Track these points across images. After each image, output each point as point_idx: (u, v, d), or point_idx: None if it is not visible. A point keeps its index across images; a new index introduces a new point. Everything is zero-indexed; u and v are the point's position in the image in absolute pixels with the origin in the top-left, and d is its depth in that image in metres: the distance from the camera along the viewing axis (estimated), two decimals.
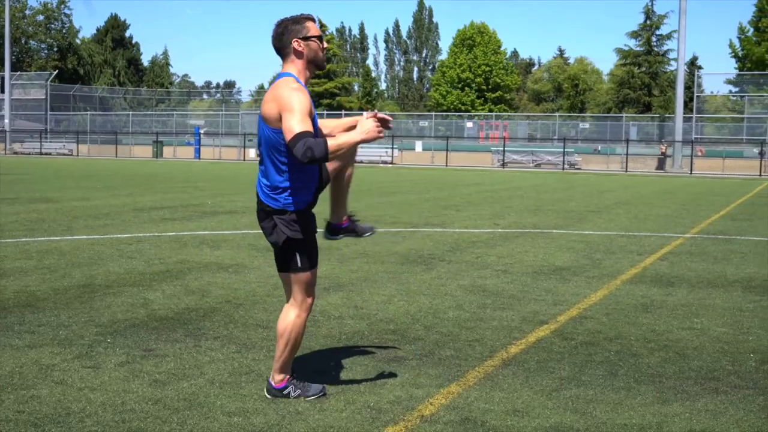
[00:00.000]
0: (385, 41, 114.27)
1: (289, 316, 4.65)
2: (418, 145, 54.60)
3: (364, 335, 6.15)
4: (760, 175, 42.20)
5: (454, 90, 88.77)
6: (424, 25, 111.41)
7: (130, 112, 73.20)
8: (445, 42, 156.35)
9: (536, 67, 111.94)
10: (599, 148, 60.50)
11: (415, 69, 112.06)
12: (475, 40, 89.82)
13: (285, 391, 4.65)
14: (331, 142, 4.18)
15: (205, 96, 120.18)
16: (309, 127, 4.19)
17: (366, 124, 4.32)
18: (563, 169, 46.75)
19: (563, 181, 33.68)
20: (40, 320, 6.41)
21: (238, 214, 15.36)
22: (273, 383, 4.68)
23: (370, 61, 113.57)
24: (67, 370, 5.09)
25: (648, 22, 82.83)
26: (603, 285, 8.46)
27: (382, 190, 24.33)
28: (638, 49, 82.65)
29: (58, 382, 4.87)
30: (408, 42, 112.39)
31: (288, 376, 4.70)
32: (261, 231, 4.67)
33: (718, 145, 56.77)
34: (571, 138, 67.34)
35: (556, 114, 79.14)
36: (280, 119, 4.30)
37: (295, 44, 4.46)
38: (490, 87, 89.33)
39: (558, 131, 74.10)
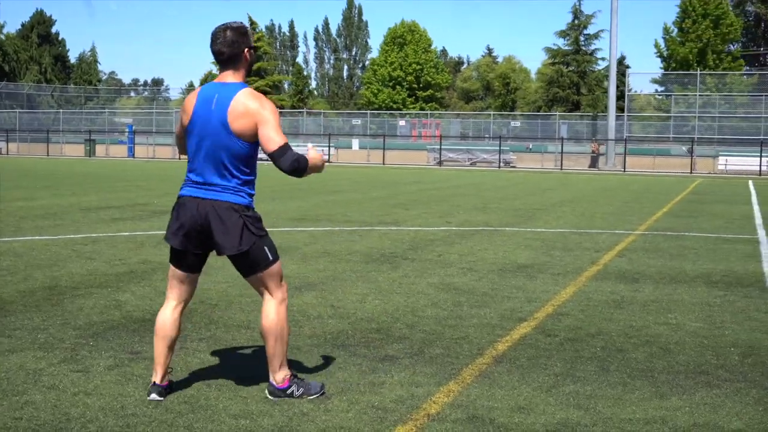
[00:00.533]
0: (315, 39, 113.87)
1: (271, 313, 4.62)
2: (355, 144, 54.54)
3: (349, 335, 6.13)
4: (691, 172, 43.24)
5: (386, 88, 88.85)
6: (353, 23, 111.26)
7: (61, 110, 71.60)
8: (375, 40, 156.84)
9: (465, 66, 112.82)
10: (530, 146, 61.32)
11: (345, 67, 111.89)
12: (405, 38, 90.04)
13: (288, 391, 4.61)
14: (308, 159, 4.52)
15: (132, 93, 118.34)
16: (286, 139, 4.39)
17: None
18: (499, 167, 47.21)
19: (502, 179, 34.03)
20: (13, 323, 6.24)
21: None
22: (276, 384, 4.63)
23: (299, 59, 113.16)
24: (56, 375, 4.97)
25: (576, 21, 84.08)
26: (569, 282, 8.57)
27: (325, 188, 24.26)
28: (567, 48, 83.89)
29: (49, 387, 4.74)
30: (338, 40, 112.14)
31: (290, 375, 4.66)
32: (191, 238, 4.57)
33: (646, 143, 57.88)
34: (504, 136, 68.09)
35: (491, 113, 79.87)
36: (254, 133, 4.39)
37: (247, 53, 4.52)
38: (421, 85, 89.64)
39: (490, 129, 74.86)
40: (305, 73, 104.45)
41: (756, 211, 18.31)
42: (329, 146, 51.35)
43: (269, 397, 4.63)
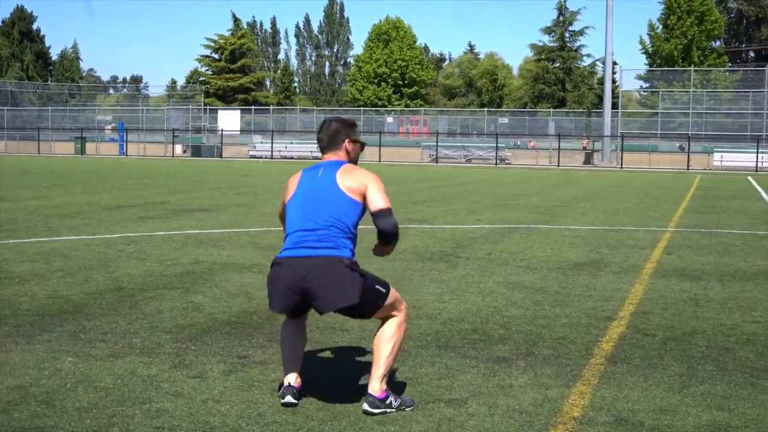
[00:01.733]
0: (296, 36, 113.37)
1: (391, 329, 4.55)
2: None
3: (447, 335, 6.03)
4: (688, 168, 43.40)
5: (371, 85, 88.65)
6: (335, 20, 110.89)
7: (50, 108, 70.92)
8: (357, 37, 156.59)
9: (447, 63, 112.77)
10: (519, 143, 61.40)
11: (327, 64, 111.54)
12: (390, 35, 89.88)
13: (387, 401, 4.44)
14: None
15: (111, 91, 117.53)
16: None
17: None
18: (496, 164, 47.21)
19: (504, 176, 33.99)
20: (99, 327, 6.10)
21: (210, 212, 15.00)
22: (375, 394, 4.45)
23: (281, 56, 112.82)
24: (174, 381, 4.84)
25: (561, 18, 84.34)
26: (634, 280, 8.50)
27: None
28: (552, 44, 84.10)
29: (174, 394, 4.62)
30: (319, 37, 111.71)
31: (386, 386, 4.52)
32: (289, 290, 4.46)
33: (641, 139, 58.02)
34: (492, 133, 68.13)
35: (484, 109, 79.85)
36: (361, 194, 4.53)
37: (348, 143, 4.73)
38: (406, 82, 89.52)
39: (475, 126, 74.89)
40: (291, 69, 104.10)
41: None
42: None
43: (369, 409, 4.40)
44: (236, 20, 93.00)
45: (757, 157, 41.75)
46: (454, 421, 4.26)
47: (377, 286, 4.54)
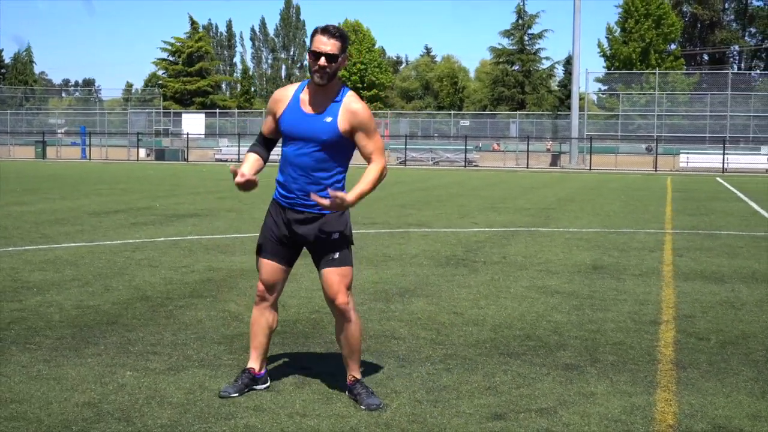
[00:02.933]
0: (252, 39, 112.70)
1: None
2: None
3: (502, 342, 5.93)
4: (656, 170, 43.85)
5: None
6: (291, 22, 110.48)
7: (8, 112, 69.61)
8: None
9: (404, 66, 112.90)
10: (480, 145, 61.53)
11: (283, 67, 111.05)
12: (349, 38, 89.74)
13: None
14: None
15: (63, 95, 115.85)
16: (261, 130, 4.84)
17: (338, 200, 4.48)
18: (465, 166, 47.25)
19: (477, 178, 34.00)
20: (146, 339, 5.90)
21: (202, 217, 14.75)
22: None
23: (237, 59, 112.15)
24: (250, 396, 4.68)
25: (520, 21, 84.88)
26: (659, 283, 8.49)
27: None
28: (511, 47, 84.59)
29: (254, 408, 4.48)
30: (276, 40, 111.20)
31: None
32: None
33: (596, 142, 58.43)
34: (453, 135, 68.26)
35: (450, 112, 79.92)
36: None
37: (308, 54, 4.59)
38: (365, 85, 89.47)
39: (437, 129, 74.99)
40: (251, 73, 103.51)
41: (757, 208, 18.58)
42: None
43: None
44: (193, 23, 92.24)
45: (723, 158, 42.33)
46: (552, 431, 4.17)
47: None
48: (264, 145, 4.82)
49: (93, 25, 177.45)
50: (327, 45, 4.44)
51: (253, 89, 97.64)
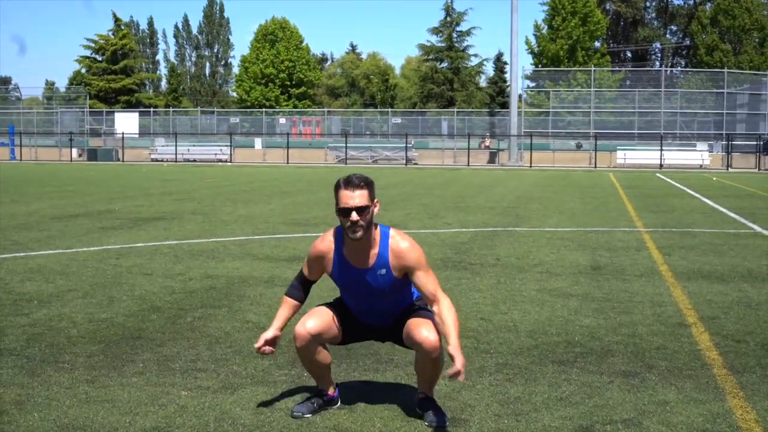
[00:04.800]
0: (175, 36, 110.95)
1: None
2: (258, 143, 53.39)
3: (547, 349, 5.86)
4: (595, 166, 44.50)
5: (258, 86, 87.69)
6: (215, 20, 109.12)
7: None
8: (237, 37, 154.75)
9: (329, 63, 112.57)
10: (412, 143, 61.59)
11: (207, 64, 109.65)
12: (277, 35, 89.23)
13: None
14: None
15: None
16: (305, 276, 4.69)
17: (459, 364, 4.05)
18: (405, 164, 47.27)
19: (428, 176, 34.02)
20: (182, 355, 5.67)
21: (168, 220, 14.40)
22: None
23: (160, 57, 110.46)
24: (325, 415, 4.52)
25: (448, 18, 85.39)
26: (663, 283, 8.53)
27: (272, 190, 23.67)
28: (440, 45, 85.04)
29: (334, 428, 4.33)
30: (199, 37, 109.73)
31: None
32: None
33: (526, 138, 59.02)
34: (384, 133, 68.25)
35: (389, 110, 79.81)
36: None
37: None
38: (294, 83, 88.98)
39: (368, 126, 74.90)
40: (164, 70, 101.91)
41: (714, 204, 18.96)
42: (230, 146, 50.15)
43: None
44: (117, 20, 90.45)
45: (661, 154, 43.19)
46: None
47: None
48: (303, 288, 4.66)
49: (7, 23, 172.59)
50: (354, 198, 4.27)
51: (182, 87, 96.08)
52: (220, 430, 4.26)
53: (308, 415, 4.47)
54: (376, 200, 4.38)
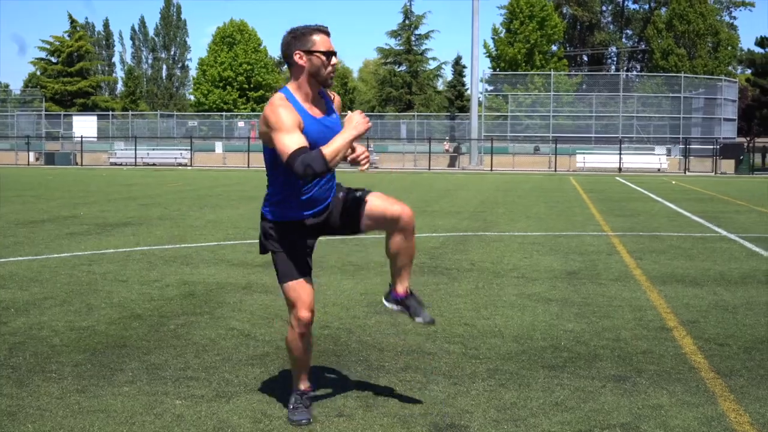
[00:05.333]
0: (132, 38, 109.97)
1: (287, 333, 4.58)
2: (218, 147, 53.03)
3: (535, 354, 5.90)
4: (555, 170, 44.86)
5: (216, 89, 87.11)
6: (172, 21, 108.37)
7: None
8: (194, 40, 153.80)
9: (286, 66, 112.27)
10: (371, 147, 61.71)
11: (164, 67, 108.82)
12: (235, 38, 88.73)
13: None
14: (326, 150, 4.05)
15: None
16: (301, 142, 4.06)
17: (354, 117, 4.17)
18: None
19: (390, 181, 34.06)
20: (170, 363, 5.62)
21: (136, 225, 14.25)
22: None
23: (116, 59, 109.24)
24: (322, 422, 4.51)
25: (407, 22, 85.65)
26: (639, 287, 8.63)
27: (238, 194, 23.53)
28: (398, 48, 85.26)
29: None
30: (156, 39, 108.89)
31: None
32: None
33: (486, 142, 59.38)
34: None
35: (346, 113, 79.55)
36: (270, 139, 4.17)
37: (296, 56, 4.26)
38: (252, 86, 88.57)
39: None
40: (121, 72, 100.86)
41: (677, 208, 19.23)
42: (191, 150, 49.73)
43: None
44: (73, 21, 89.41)
45: (620, 158, 43.70)
46: None
47: (275, 266, 4.51)
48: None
49: None
50: (331, 44, 4.29)
51: (139, 90, 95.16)
52: None
53: (308, 419, 4.46)
54: None
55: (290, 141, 4.03)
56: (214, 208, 18.38)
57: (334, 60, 4.23)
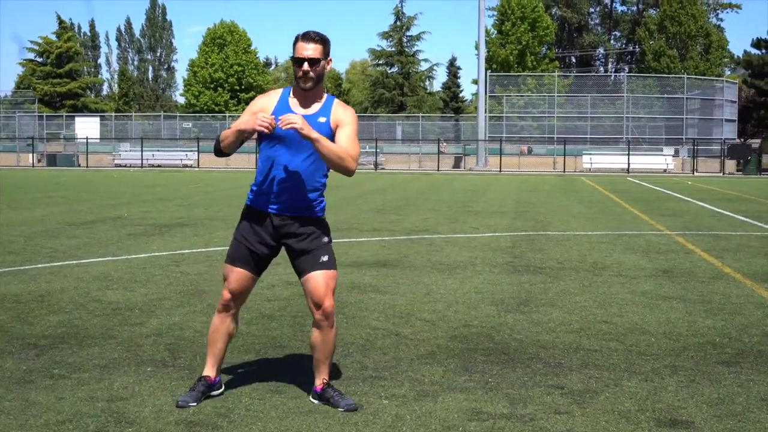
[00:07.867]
0: (117, 40, 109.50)
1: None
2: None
3: (697, 350, 5.89)
4: (564, 171, 44.96)
5: (207, 90, 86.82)
6: (157, 23, 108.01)
7: None
8: (180, 41, 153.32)
9: (273, 67, 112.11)
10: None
11: (150, 68, 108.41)
12: (225, 39, 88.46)
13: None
14: (224, 131, 4.54)
15: None
16: (233, 126, 4.45)
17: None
18: (375, 169, 47.22)
19: (405, 181, 34.02)
20: (346, 364, 5.58)
21: (193, 226, 14.17)
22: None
23: (101, 60, 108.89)
24: (345, 423, 4.47)
25: (398, 23, 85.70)
26: (745, 285, 8.65)
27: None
28: (390, 49, 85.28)
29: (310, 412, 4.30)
30: (142, 41, 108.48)
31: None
32: None
33: (509, 144, 59.44)
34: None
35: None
36: None
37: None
38: (243, 87, 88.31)
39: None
40: (108, 74, 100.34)
41: (714, 207, 19.35)
42: (197, 151, 49.50)
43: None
44: (62, 22, 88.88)
45: (629, 159, 43.88)
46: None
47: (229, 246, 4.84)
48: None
49: None
50: (308, 50, 4.52)
51: (132, 91, 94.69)
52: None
53: (193, 404, 4.60)
54: (329, 58, 4.59)
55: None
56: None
57: (305, 66, 4.50)
